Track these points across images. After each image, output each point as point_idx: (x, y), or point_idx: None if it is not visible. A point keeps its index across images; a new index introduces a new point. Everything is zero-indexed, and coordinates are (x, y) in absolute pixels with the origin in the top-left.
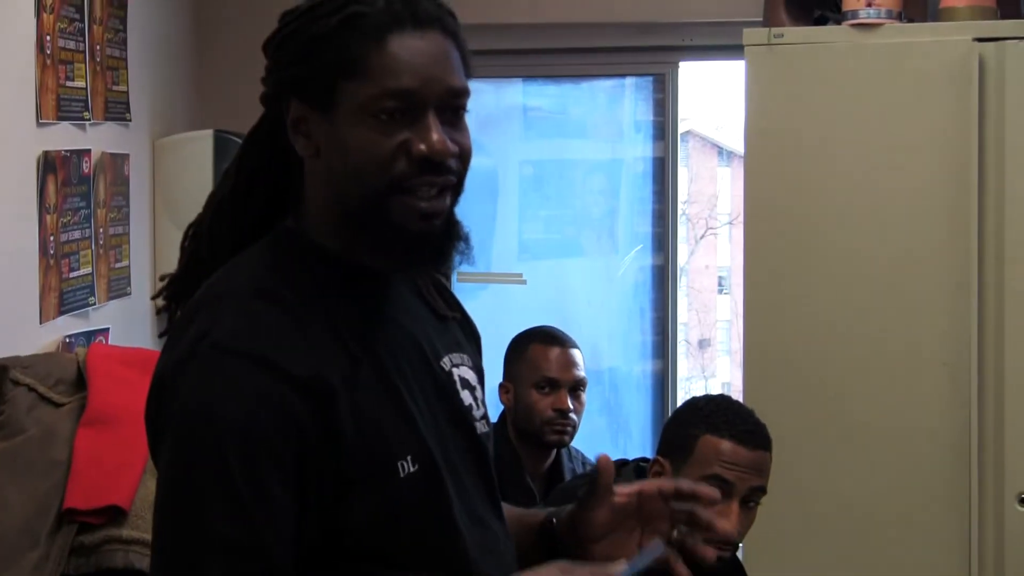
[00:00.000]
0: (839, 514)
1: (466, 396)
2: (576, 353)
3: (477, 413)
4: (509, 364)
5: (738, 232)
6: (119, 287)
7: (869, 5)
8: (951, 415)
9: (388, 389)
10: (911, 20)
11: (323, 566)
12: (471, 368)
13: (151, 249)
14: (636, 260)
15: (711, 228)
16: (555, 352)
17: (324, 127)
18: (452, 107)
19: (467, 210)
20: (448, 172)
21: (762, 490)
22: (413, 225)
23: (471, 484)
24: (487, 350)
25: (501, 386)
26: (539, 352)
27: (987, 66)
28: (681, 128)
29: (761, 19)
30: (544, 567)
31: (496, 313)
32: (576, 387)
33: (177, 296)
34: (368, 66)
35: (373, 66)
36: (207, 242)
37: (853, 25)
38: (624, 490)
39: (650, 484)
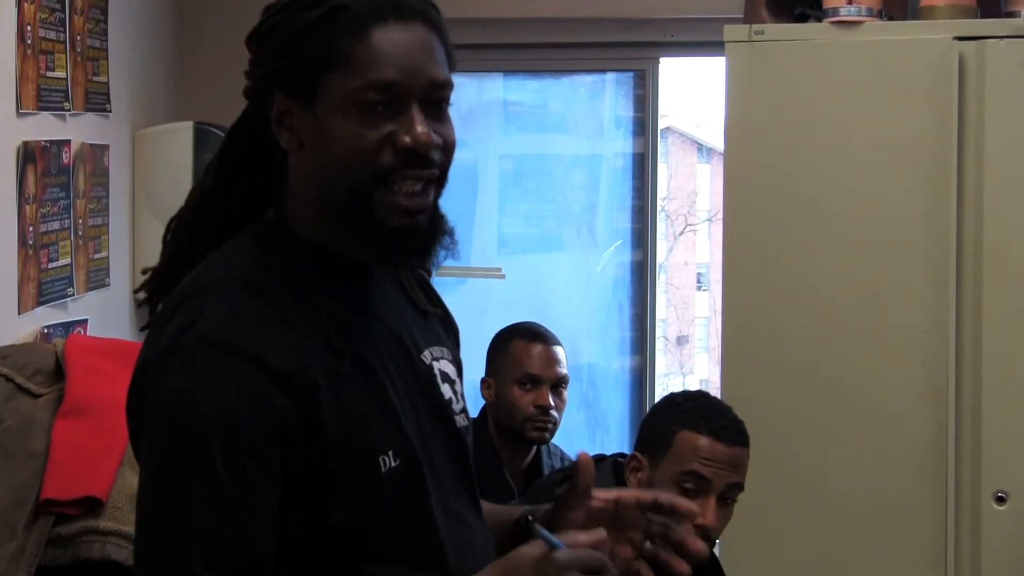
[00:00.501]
0: (817, 511)
1: (446, 390)
2: (559, 350)
3: (457, 407)
4: (491, 359)
5: (717, 229)
6: (98, 278)
7: (850, 3)
8: (929, 413)
9: (371, 383)
10: (892, 18)
11: (303, 560)
12: (451, 362)
13: (130, 240)
14: (615, 256)
15: (690, 225)
16: (537, 349)
17: (308, 120)
18: (435, 99)
19: (446, 203)
20: (432, 165)
21: (739, 486)
22: (397, 220)
23: (450, 479)
24: (466, 345)
25: (483, 381)
26: (521, 348)
27: (967, 64)
28: (661, 124)
29: (742, 16)
30: (523, 553)
31: (475, 308)
32: (558, 384)
33: (159, 289)
34: (351, 59)
35: (356, 59)
36: (189, 236)
37: (834, 23)
38: (602, 495)
39: (629, 493)
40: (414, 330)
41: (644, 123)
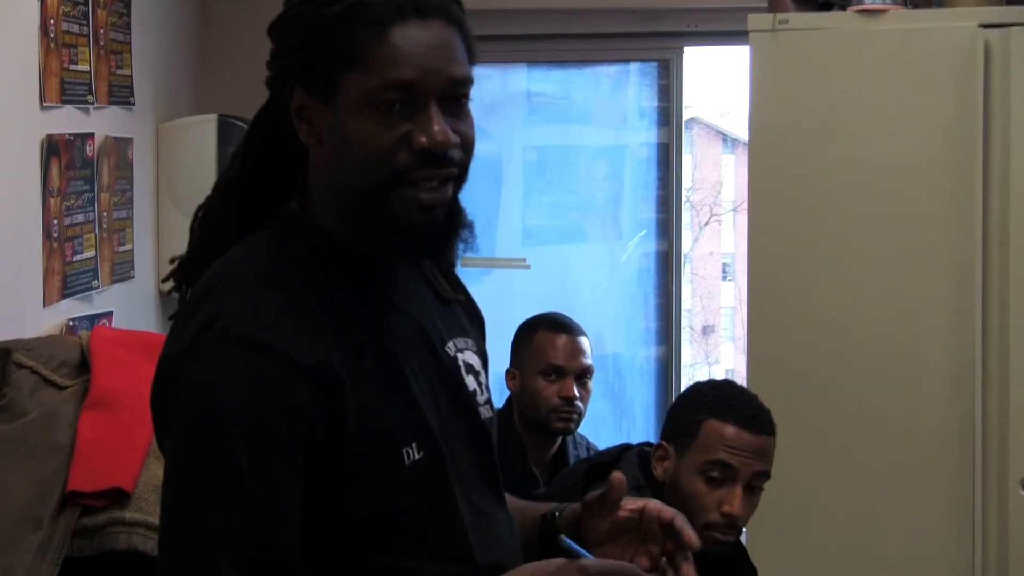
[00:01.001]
0: (843, 499)
1: (470, 381)
2: (584, 341)
3: (481, 398)
4: (516, 350)
5: (742, 219)
6: (123, 271)
7: None
8: (955, 400)
9: (393, 376)
10: (916, 6)
11: (327, 559)
12: (475, 353)
13: (154, 233)
14: (640, 246)
15: (715, 215)
16: (562, 340)
17: (326, 117)
18: (454, 96)
19: (471, 195)
20: (450, 164)
21: (766, 475)
22: (414, 216)
23: (474, 471)
24: (491, 336)
25: (508, 372)
26: (546, 339)
27: (992, 52)
28: (685, 115)
29: (766, 5)
30: (553, 561)
31: (500, 298)
32: (583, 375)
33: (186, 278)
34: (369, 57)
35: (374, 57)
36: (216, 225)
37: (858, 11)
38: (628, 506)
39: (653, 507)
40: (437, 321)
41: (668, 113)
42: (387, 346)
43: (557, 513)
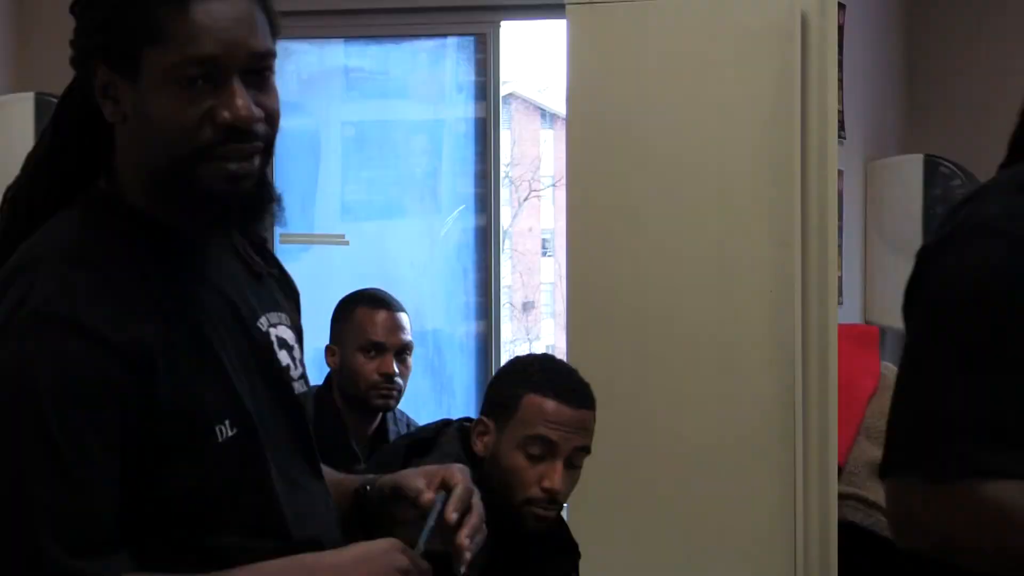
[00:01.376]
0: (665, 473)
1: (283, 356)
2: (403, 316)
3: (295, 373)
4: (335, 326)
5: (561, 194)
6: None
7: None
8: (776, 371)
9: (204, 352)
10: None
11: (145, 532)
12: (289, 327)
13: None
14: (459, 221)
15: (534, 190)
16: (381, 315)
17: (130, 94)
18: (258, 70)
19: (288, 170)
20: (255, 138)
21: (586, 449)
22: (222, 187)
23: (289, 446)
24: (309, 313)
25: (327, 348)
26: (365, 315)
27: (810, 23)
28: (504, 90)
29: None
30: (379, 542)
31: (319, 276)
32: (402, 351)
33: None
34: (170, 33)
35: (175, 32)
36: (24, 205)
37: None
38: (430, 490)
39: (449, 476)
40: (250, 296)
41: (486, 88)
42: (198, 322)
43: (368, 486)
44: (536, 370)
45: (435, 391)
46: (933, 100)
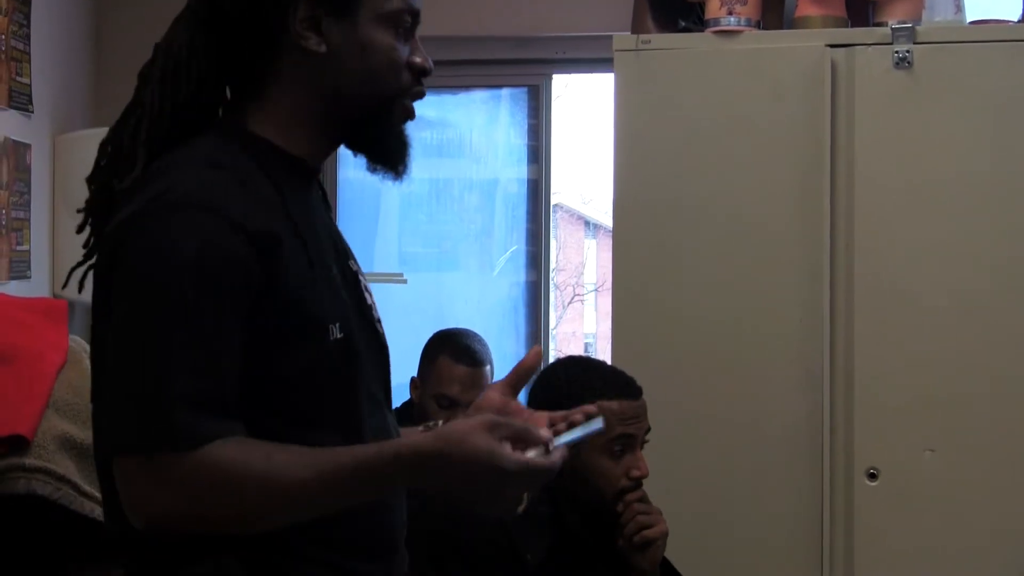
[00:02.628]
0: (698, 490)
1: (367, 297)
2: (485, 372)
3: (376, 315)
4: (422, 362)
5: (603, 300)
6: (19, 270)
7: (730, 14)
8: (805, 396)
9: (320, 261)
10: (767, 28)
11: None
12: (364, 279)
13: (50, 239)
14: (510, 275)
15: (578, 295)
16: (460, 371)
17: (341, 29)
18: None
19: (352, 215)
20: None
21: (649, 428)
22: (402, 125)
23: (372, 371)
24: None
25: (412, 380)
26: (446, 366)
27: (838, 70)
28: (553, 200)
29: (629, 31)
30: (469, 420)
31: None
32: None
33: (102, 204)
34: None
35: None
36: (145, 134)
37: (715, 32)
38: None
39: (539, 416)
40: (340, 240)
41: (538, 150)
42: (317, 237)
43: (433, 423)
44: (593, 378)
45: None
46: (120, 73)
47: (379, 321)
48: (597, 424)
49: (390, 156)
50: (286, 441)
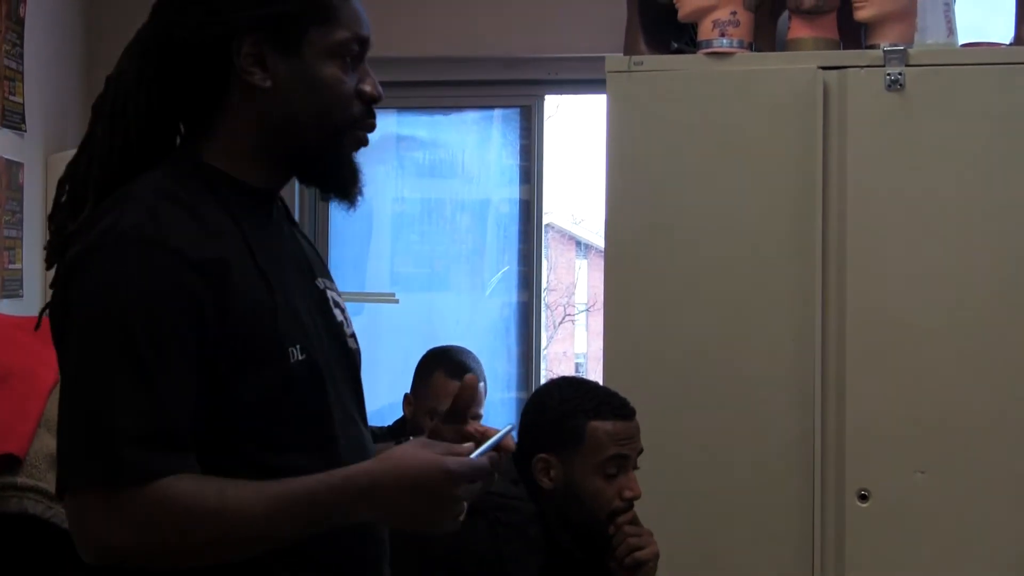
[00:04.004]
0: (690, 508)
1: (337, 314)
2: (475, 375)
3: (348, 330)
4: (415, 379)
5: (594, 320)
6: (12, 288)
7: (722, 35)
8: (797, 417)
9: (278, 285)
10: (760, 50)
11: (209, 447)
12: (337, 294)
13: (42, 258)
14: (501, 295)
15: (569, 315)
16: (455, 387)
17: (286, 64)
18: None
19: (344, 233)
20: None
21: (641, 450)
22: (351, 155)
23: (344, 387)
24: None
25: (406, 396)
26: (440, 383)
27: (830, 91)
28: (544, 220)
29: (622, 52)
30: (404, 444)
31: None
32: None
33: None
34: (339, 13)
35: (343, 14)
36: (102, 173)
37: (707, 54)
38: (476, 427)
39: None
40: (309, 258)
41: (529, 170)
42: (275, 259)
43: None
44: (587, 399)
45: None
46: None
47: (352, 336)
48: (506, 428)
49: (342, 186)
50: (262, 466)
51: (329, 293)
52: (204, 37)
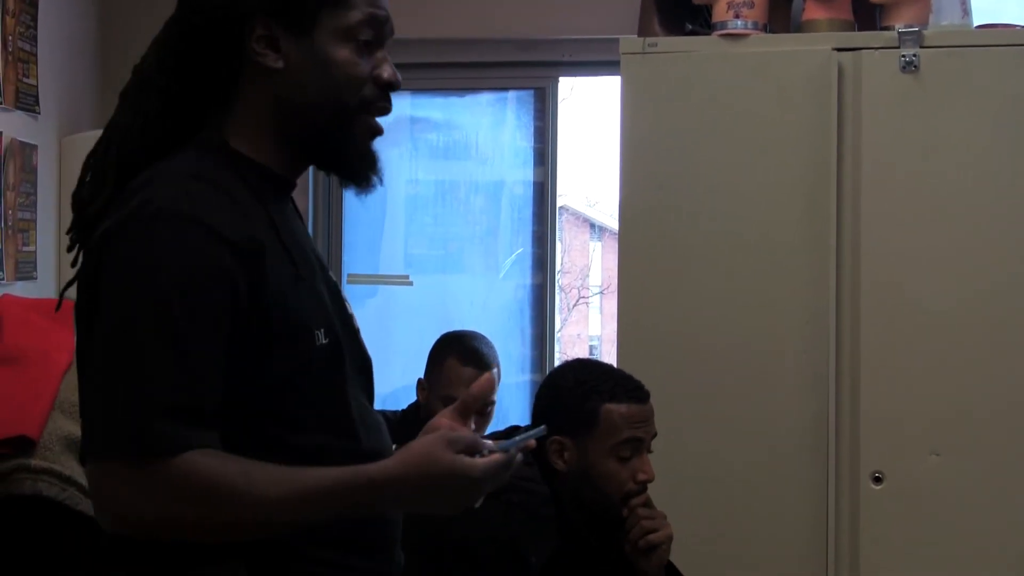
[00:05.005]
0: (705, 493)
1: (348, 307)
2: (492, 374)
3: (356, 325)
4: (429, 364)
5: (608, 303)
6: (26, 270)
7: (737, 17)
8: (811, 400)
9: (303, 269)
10: (775, 31)
11: (231, 424)
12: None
13: (56, 239)
14: (515, 277)
15: (583, 298)
16: (468, 373)
17: (299, 45)
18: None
19: (358, 216)
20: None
21: (655, 433)
22: (366, 141)
23: (356, 376)
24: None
25: (419, 381)
26: (453, 369)
27: (845, 73)
28: (558, 202)
29: (635, 34)
30: (428, 440)
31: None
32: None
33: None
34: None
35: None
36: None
37: (722, 35)
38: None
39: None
40: (317, 252)
41: (544, 152)
42: (299, 246)
43: None
44: (601, 381)
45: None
46: (125, 76)
47: (359, 332)
48: (539, 430)
49: (353, 170)
50: (282, 445)
51: (339, 288)
52: (218, 20)
